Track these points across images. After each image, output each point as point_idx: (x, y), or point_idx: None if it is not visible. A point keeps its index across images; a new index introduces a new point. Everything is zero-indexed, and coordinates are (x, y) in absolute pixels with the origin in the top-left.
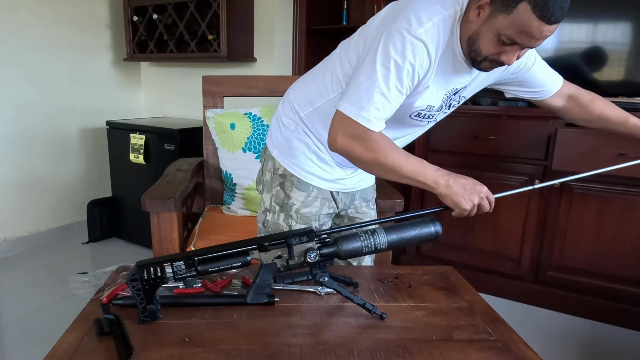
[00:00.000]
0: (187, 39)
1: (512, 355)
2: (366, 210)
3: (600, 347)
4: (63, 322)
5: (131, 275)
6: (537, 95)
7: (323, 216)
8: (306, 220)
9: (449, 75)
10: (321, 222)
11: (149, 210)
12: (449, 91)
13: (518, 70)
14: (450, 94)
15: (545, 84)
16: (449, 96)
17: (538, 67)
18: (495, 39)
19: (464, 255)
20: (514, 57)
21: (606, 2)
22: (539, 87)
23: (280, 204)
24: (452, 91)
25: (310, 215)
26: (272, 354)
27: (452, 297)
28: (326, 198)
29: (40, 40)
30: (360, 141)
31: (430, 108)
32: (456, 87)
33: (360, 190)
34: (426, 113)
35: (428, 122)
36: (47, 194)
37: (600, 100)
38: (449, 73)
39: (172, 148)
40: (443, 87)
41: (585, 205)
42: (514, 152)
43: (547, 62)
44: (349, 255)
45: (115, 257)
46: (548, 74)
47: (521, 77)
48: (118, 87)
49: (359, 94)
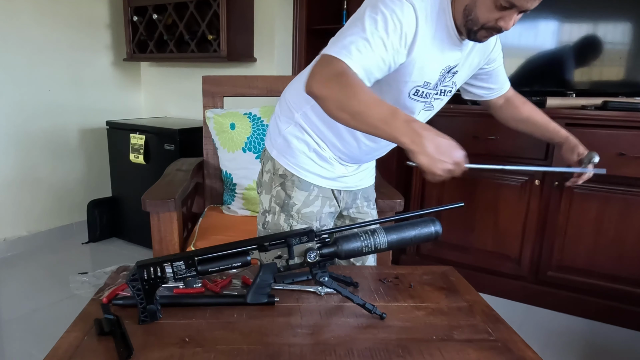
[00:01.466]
0: (187, 39)
1: (512, 355)
2: (367, 210)
3: (600, 347)
4: (63, 322)
5: (131, 275)
6: (492, 93)
7: (325, 216)
8: (307, 220)
9: (443, 48)
10: (322, 223)
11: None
12: (444, 68)
13: (493, 60)
14: (444, 71)
15: (501, 82)
16: (443, 74)
17: (501, 64)
18: (492, 5)
19: (464, 255)
20: (511, 21)
21: (606, 2)
22: (496, 85)
23: (280, 205)
24: (446, 68)
25: (312, 215)
26: (272, 354)
27: (452, 297)
28: (327, 197)
29: (40, 40)
30: (335, 77)
31: (427, 85)
32: (449, 65)
33: (362, 189)
34: (424, 91)
35: (425, 104)
36: (47, 194)
37: (530, 104)
38: (442, 46)
39: (172, 148)
40: (438, 62)
41: (585, 205)
42: (514, 152)
43: (546, 61)
44: (349, 255)
45: (115, 257)
46: (504, 73)
47: (493, 68)
48: (118, 87)
49: (342, 38)
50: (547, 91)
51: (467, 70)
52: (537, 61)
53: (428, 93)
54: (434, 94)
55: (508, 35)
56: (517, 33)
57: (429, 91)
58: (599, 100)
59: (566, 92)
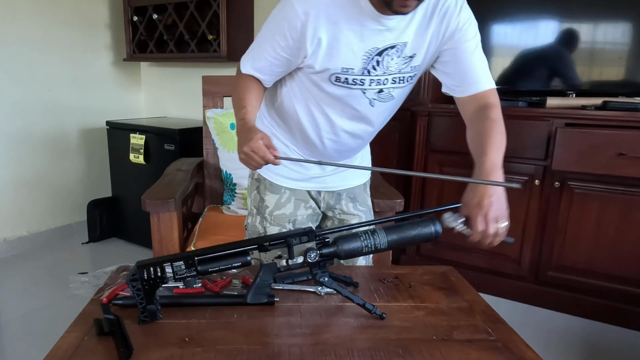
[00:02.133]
0: (187, 39)
1: (512, 355)
2: (354, 212)
3: (600, 347)
4: (63, 322)
5: (131, 275)
6: (458, 89)
7: (301, 218)
8: (279, 222)
9: (362, 31)
10: (298, 225)
11: (149, 210)
12: (368, 51)
13: (451, 36)
14: (372, 54)
15: (470, 77)
16: (371, 57)
17: (471, 48)
18: None
19: (464, 255)
20: None
21: (606, 2)
22: (462, 79)
23: (257, 207)
24: (373, 51)
25: (284, 217)
26: (272, 354)
27: (452, 297)
28: (302, 199)
29: (40, 40)
30: (234, 80)
31: (349, 71)
32: (376, 47)
33: (347, 190)
34: (347, 77)
35: (363, 91)
36: (47, 194)
37: (496, 125)
38: (360, 29)
39: (172, 148)
40: (359, 47)
41: (585, 205)
42: (514, 152)
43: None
44: (349, 255)
45: (115, 257)
46: (478, 68)
47: (454, 47)
48: (118, 87)
49: (249, 49)
50: (547, 91)
51: (425, 51)
52: (537, 61)
53: (356, 79)
54: (366, 80)
55: (508, 35)
56: (517, 33)
57: (355, 77)
58: (599, 100)
59: (566, 92)
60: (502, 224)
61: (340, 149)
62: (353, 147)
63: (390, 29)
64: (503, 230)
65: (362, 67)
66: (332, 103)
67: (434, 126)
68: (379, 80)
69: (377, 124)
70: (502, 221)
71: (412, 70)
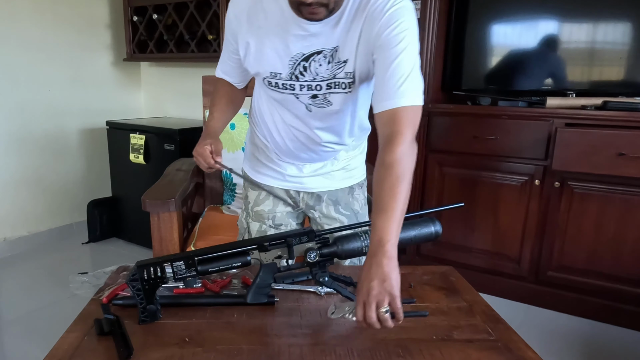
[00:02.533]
0: (187, 39)
1: (512, 355)
2: (335, 215)
3: (600, 347)
4: (63, 322)
5: (131, 275)
6: (373, 105)
7: (281, 215)
8: (259, 218)
9: (286, 38)
10: (278, 222)
11: (149, 210)
12: (294, 56)
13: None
14: (297, 59)
15: (379, 92)
16: (297, 62)
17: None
18: None
19: (464, 255)
20: None
21: (606, 2)
22: (376, 91)
23: (244, 204)
24: (299, 56)
25: (263, 213)
26: (272, 354)
27: (452, 297)
28: (280, 197)
29: (40, 40)
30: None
31: (277, 75)
32: (302, 52)
33: (327, 192)
34: (276, 82)
35: (295, 96)
36: (47, 194)
37: (390, 177)
38: (284, 35)
39: (172, 148)
40: (285, 52)
41: (585, 205)
42: (514, 152)
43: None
44: (349, 255)
45: (115, 257)
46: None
47: (379, 55)
48: (118, 87)
49: None
50: (547, 91)
51: (355, 56)
52: (537, 61)
53: (285, 84)
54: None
55: (508, 35)
56: (517, 33)
57: (284, 82)
58: (599, 100)
59: (566, 92)
60: (382, 310)
61: (305, 150)
62: (320, 151)
63: (314, 34)
64: (384, 317)
65: (289, 72)
66: (277, 106)
67: (434, 126)
68: (309, 85)
69: (333, 129)
70: (382, 307)
71: (347, 76)
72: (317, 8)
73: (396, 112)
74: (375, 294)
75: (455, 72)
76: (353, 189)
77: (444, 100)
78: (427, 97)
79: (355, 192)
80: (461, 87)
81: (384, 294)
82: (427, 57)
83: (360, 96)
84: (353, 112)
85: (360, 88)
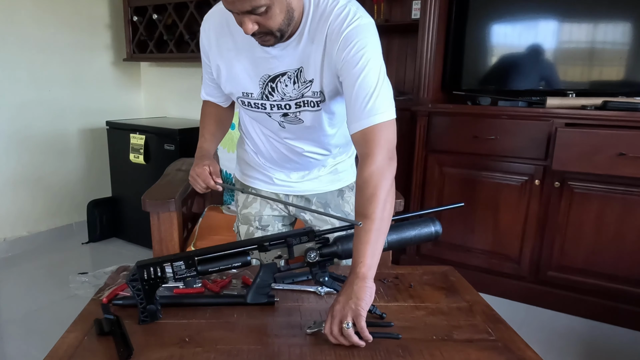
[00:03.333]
0: (187, 39)
1: (512, 355)
2: (326, 218)
3: (600, 347)
4: (63, 322)
5: (131, 275)
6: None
7: (268, 217)
8: (246, 221)
9: (254, 60)
10: (264, 223)
11: (149, 210)
12: (262, 77)
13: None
14: (265, 80)
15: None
16: (265, 82)
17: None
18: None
19: (464, 255)
20: (243, 24)
21: (606, 2)
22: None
23: (237, 207)
24: (266, 77)
25: (250, 216)
26: (272, 354)
27: (452, 297)
28: (267, 200)
29: (40, 40)
30: None
31: (249, 95)
32: (268, 74)
33: (317, 195)
34: (250, 101)
35: (268, 114)
36: (47, 194)
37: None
38: (252, 57)
39: (172, 148)
40: (254, 73)
41: (585, 205)
42: (514, 152)
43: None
44: (349, 255)
45: (115, 257)
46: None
47: (343, 77)
48: (118, 87)
49: None
50: (547, 91)
51: (320, 76)
52: (537, 61)
53: (257, 103)
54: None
55: (508, 34)
56: (517, 33)
57: (256, 101)
58: (599, 100)
59: (566, 92)
60: (344, 325)
61: (288, 160)
62: (304, 161)
63: (276, 56)
64: (347, 332)
65: (260, 92)
66: (253, 122)
67: (434, 126)
68: (279, 104)
69: (313, 142)
70: (346, 322)
71: (315, 95)
72: (264, 37)
73: (366, 133)
74: (339, 308)
75: (455, 72)
76: (343, 192)
77: (443, 100)
78: (427, 97)
79: (346, 194)
80: (461, 87)
81: (347, 310)
82: (427, 57)
83: (337, 110)
84: (331, 125)
85: (335, 102)
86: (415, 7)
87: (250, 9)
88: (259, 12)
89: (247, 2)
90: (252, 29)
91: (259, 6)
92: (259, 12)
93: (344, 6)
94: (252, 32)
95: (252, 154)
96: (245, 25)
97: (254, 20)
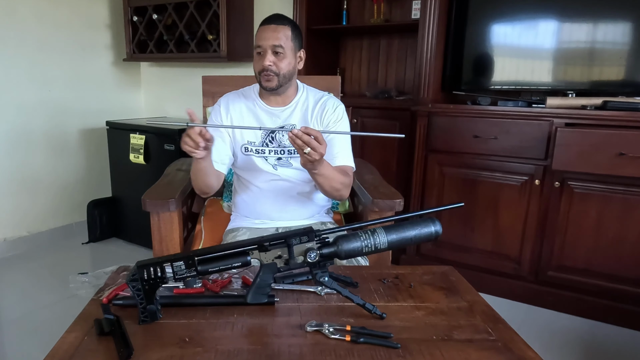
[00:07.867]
0: (187, 39)
1: (512, 355)
2: None
3: (600, 347)
4: (63, 322)
5: (131, 275)
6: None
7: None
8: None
9: (258, 117)
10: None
11: (149, 210)
12: (264, 131)
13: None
14: (267, 132)
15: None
16: (267, 134)
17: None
18: (255, 56)
19: (464, 255)
20: (265, 58)
21: (606, 2)
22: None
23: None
24: (267, 131)
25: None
26: (272, 354)
27: (452, 297)
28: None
29: (40, 40)
30: None
31: (252, 143)
32: (270, 127)
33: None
34: (252, 148)
35: (265, 158)
36: (47, 194)
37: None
38: (256, 116)
39: (172, 148)
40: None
41: (585, 205)
42: (514, 152)
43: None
44: (349, 255)
45: (115, 257)
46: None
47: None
48: (118, 87)
49: None
50: (547, 91)
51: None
52: (536, 61)
53: (258, 149)
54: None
55: (508, 34)
56: (517, 33)
57: (257, 147)
58: (599, 100)
59: (566, 92)
60: (305, 150)
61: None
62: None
63: (278, 115)
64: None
65: (262, 141)
66: (244, 171)
67: (434, 126)
68: (276, 150)
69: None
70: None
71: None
72: (271, 75)
73: (345, 168)
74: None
75: (455, 72)
76: (322, 218)
77: (444, 100)
78: (427, 97)
79: (328, 217)
80: (461, 87)
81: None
82: (427, 57)
83: None
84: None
85: None
86: (415, 7)
87: (276, 43)
88: (278, 51)
89: (275, 39)
90: (270, 61)
91: (280, 46)
92: (278, 51)
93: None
94: (269, 63)
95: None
96: (266, 58)
97: (272, 59)
